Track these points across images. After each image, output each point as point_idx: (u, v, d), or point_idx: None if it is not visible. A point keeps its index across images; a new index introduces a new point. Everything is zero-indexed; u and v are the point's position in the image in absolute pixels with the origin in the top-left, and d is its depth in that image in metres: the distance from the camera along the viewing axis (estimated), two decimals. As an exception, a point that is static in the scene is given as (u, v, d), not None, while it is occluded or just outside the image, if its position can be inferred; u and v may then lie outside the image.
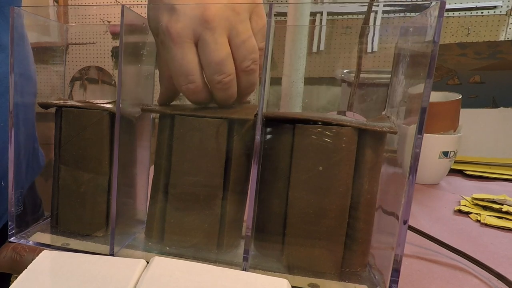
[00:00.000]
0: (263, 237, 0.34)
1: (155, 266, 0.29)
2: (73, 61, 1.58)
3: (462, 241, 0.44)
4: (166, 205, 0.35)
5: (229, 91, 0.33)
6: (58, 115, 0.38)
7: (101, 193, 0.37)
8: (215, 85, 0.33)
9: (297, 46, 0.69)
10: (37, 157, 0.49)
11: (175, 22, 0.31)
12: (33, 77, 0.43)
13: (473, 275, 0.36)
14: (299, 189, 0.31)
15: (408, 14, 0.33)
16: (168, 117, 0.35)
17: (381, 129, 0.31)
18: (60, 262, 0.31)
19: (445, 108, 0.69)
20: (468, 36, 1.45)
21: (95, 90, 1.47)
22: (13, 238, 0.38)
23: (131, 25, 0.34)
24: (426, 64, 0.27)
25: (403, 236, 0.29)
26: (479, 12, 1.64)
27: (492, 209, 0.56)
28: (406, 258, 0.39)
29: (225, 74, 0.32)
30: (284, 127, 0.32)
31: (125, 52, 0.33)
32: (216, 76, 0.32)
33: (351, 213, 0.32)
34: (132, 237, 0.38)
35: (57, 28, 0.43)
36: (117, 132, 0.33)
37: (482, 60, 0.97)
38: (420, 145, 0.27)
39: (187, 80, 0.32)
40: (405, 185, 0.28)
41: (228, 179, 0.34)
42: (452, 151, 0.68)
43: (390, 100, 0.36)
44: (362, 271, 0.33)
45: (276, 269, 0.33)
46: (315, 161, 0.31)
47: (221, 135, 0.33)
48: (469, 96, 0.98)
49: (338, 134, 0.30)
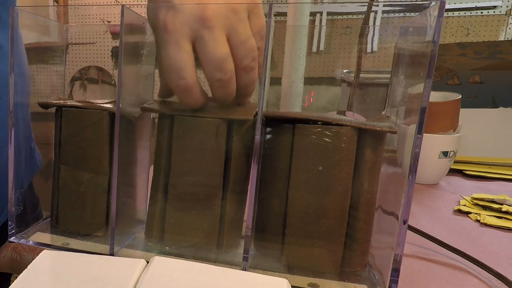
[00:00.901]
0: (263, 237, 0.34)
1: (155, 266, 0.29)
2: (73, 61, 1.58)
3: (461, 241, 0.44)
4: (166, 205, 0.35)
5: (228, 89, 0.33)
6: (58, 115, 0.38)
7: (101, 193, 0.37)
8: (214, 83, 0.33)
9: (297, 46, 0.69)
10: (34, 157, 0.49)
11: (173, 18, 0.31)
12: (27, 76, 0.43)
13: (473, 275, 0.37)
14: (299, 189, 0.31)
15: (407, 14, 0.33)
16: (167, 117, 0.35)
17: (381, 129, 0.31)
18: (60, 262, 0.31)
19: (445, 108, 0.70)
20: (468, 36, 1.45)
21: (95, 90, 1.47)
22: (13, 238, 0.38)
23: (131, 25, 0.34)
24: (426, 64, 0.27)
25: (403, 236, 0.29)
26: (479, 12, 1.64)
27: (491, 209, 0.56)
28: (405, 258, 0.39)
29: (225, 72, 0.32)
30: (284, 127, 0.32)
31: (125, 52, 0.33)
32: (216, 74, 0.32)
33: (351, 213, 0.32)
34: (132, 237, 0.38)
35: (57, 28, 0.43)
36: (117, 132, 0.34)
37: (482, 60, 0.97)
38: (420, 145, 0.27)
39: (178, 76, 0.32)
40: (405, 185, 0.28)
41: (228, 179, 0.34)
42: (451, 151, 0.68)
43: (389, 100, 0.36)
44: (362, 271, 0.33)
45: (276, 269, 0.33)
46: (315, 161, 0.31)
47: (221, 135, 0.33)
48: (469, 96, 0.98)
49: (338, 134, 0.30)
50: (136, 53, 0.37)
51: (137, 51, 0.37)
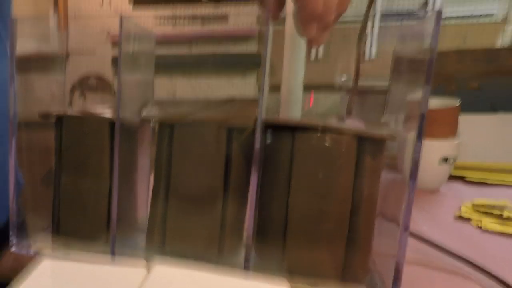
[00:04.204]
0: (264, 241, 0.34)
1: (155, 275, 0.29)
2: (73, 70, 1.59)
3: (463, 247, 0.44)
4: (167, 211, 0.35)
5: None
6: (58, 124, 0.38)
7: (101, 201, 0.37)
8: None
9: (296, 53, 0.69)
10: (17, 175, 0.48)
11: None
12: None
13: (475, 281, 0.36)
14: (299, 195, 0.31)
15: (405, 22, 0.33)
16: (167, 125, 0.35)
17: (381, 136, 0.31)
18: (60, 271, 0.31)
19: (444, 115, 0.70)
20: (465, 44, 1.46)
21: (95, 98, 1.47)
22: (13, 248, 0.37)
23: (130, 35, 0.34)
24: (424, 70, 0.27)
25: (404, 242, 0.29)
26: (475, 20, 1.65)
27: (493, 215, 0.56)
28: (407, 264, 0.39)
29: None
30: (284, 133, 0.32)
31: (124, 61, 0.33)
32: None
33: (351, 218, 0.32)
34: (133, 243, 0.38)
35: (57, 37, 0.43)
36: (117, 141, 0.34)
37: (479, 67, 0.97)
38: (419, 152, 0.27)
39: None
40: (406, 192, 0.28)
41: (228, 184, 0.34)
42: (452, 157, 0.68)
43: (388, 106, 0.36)
44: (363, 277, 0.33)
45: (277, 274, 0.32)
46: (316, 168, 0.31)
47: (221, 142, 0.33)
48: (468, 102, 0.98)
49: (338, 141, 0.31)
50: (136, 62, 0.37)
51: (136, 60, 0.37)
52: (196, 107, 0.37)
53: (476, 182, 0.77)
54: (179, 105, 0.38)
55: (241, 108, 0.37)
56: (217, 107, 0.37)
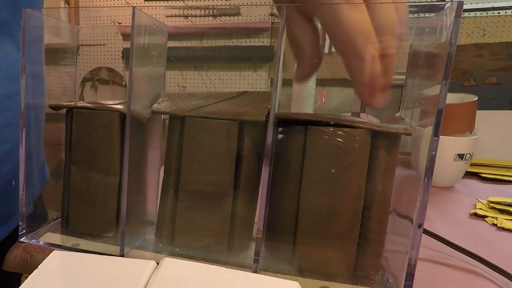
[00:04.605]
0: (274, 238, 0.34)
1: (165, 267, 0.29)
2: (84, 62, 1.59)
3: (478, 245, 0.43)
4: (177, 206, 0.35)
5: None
6: (68, 116, 0.38)
7: (111, 194, 0.37)
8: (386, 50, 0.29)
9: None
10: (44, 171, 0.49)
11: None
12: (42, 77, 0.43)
13: (489, 279, 0.36)
14: (311, 191, 0.31)
15: (423, 15, 0.32)
16: (178, 118, 0.35)
17: (396, 131, 0.30)
18: (70, 262, 0.31)
19: (461, 110, 0.68)
20: (484, 37, 1.43)
21: (105, 91, 1.48)
22: (23, 238, 0.38)
23: (142, 27, 0.34)
24: (442, 65, 0.26)
25: (417, 240, 0.28)
26: (496, 12, 1.61)
27: (509, 212, 0.54)
28: (420, 262, 0.38)
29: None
30: (296, 128, 0.32)
31: (135, 53, 0.33)
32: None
33: (364, 215, 0.31)
34: (142, 238, 0.38)
35: (68, 30, 0.43)
36: (128, 134, 0.33)
37: (499, 61, 0.95)
38: (436, 148, 0.27)
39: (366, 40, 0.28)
40: (420, 188, 0.27)
41: (238, 179, 0.34)
42: (467, 154, 0.67)
43: (404, 101, 0.35)
44: (375, 275, 0.32)
45: (287, 272, 0.32)
46: (328, 163, 0.30)
47: (232, 136, 0.33)
48: (486, 98, 0.96)
49: (351, 136, 0.30)
50: (147, 54, 0.37)
51: (147, 52, 0.37)
52: (207, 101, 0.36)
53: (492, 179, 0.76)
54: (190, 98, 0.37)
55: (253, 102, 0.36)
56: (229, 101, 0.36)
